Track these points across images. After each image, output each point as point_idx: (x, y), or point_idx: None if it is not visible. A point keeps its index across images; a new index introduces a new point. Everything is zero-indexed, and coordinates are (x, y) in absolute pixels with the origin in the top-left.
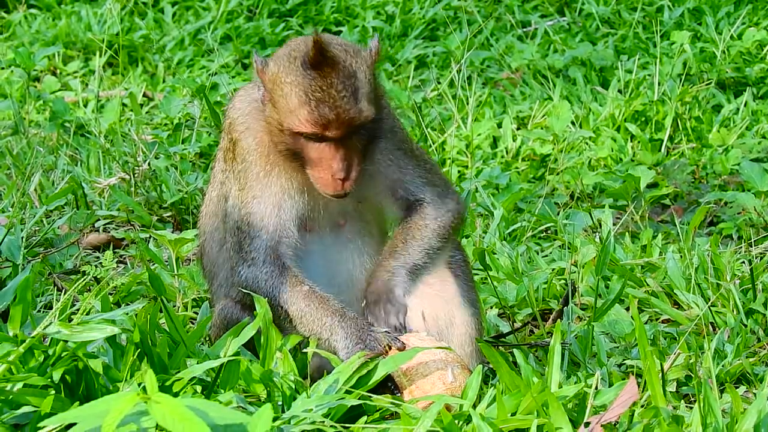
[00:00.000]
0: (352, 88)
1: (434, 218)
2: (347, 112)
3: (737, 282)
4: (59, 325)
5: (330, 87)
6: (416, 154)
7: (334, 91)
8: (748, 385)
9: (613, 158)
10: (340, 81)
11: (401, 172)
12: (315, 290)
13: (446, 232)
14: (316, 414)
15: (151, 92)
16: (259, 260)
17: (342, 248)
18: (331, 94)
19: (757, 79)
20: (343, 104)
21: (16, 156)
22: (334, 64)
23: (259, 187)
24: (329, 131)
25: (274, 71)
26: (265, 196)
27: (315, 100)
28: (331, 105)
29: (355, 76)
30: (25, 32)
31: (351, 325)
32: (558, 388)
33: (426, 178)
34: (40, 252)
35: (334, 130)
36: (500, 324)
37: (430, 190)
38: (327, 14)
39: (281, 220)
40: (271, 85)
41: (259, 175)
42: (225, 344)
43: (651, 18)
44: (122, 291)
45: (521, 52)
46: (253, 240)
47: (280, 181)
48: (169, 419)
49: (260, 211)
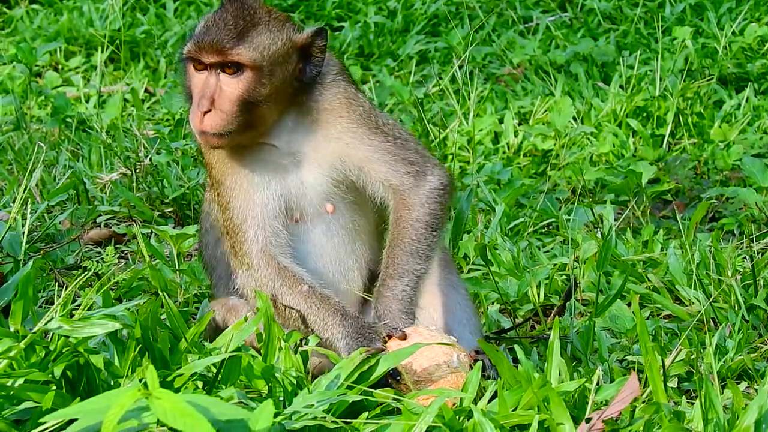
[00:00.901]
0: (242, 26)
1: (422, 208)
2: (223, 40)
3: (739, 278)
4: (60, 321)
5: (221, 17)
6: (383, 129)
7: (221, 22)
8: (749, 381)
9: (614, 154)
10: (234, 16)
11: (368, 149)
12: (315, 289)
13: (438, 218)
14: (317, 410)
15: (152, 88)
16: (254, 264)
17: (333, 236)
18: (218, 23)
19: (758, 75)
20: (223, 33)
21: (17, 151)
22: (242, 5)
23: (227, 191)
24: (202, 54)
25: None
26: (234, 198)
27: (203, 26)
28: (214, 30)
29: (253, 21)
30: (27, 28)
31: (351, 324)
32: (559, 383)
33: (398, 155)
34: (42, 247)
35: (206, 54)
36: (502, 319)
37: (405, 172)
38: (329, 9)
39: (258, 219)
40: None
41: (222, 178)
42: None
43: (652, 13)
44: (124, 286)
45: (523, 47)
46: (242, 245)
47: (241, 176)
48: (170, 415)
49: (236, 215)
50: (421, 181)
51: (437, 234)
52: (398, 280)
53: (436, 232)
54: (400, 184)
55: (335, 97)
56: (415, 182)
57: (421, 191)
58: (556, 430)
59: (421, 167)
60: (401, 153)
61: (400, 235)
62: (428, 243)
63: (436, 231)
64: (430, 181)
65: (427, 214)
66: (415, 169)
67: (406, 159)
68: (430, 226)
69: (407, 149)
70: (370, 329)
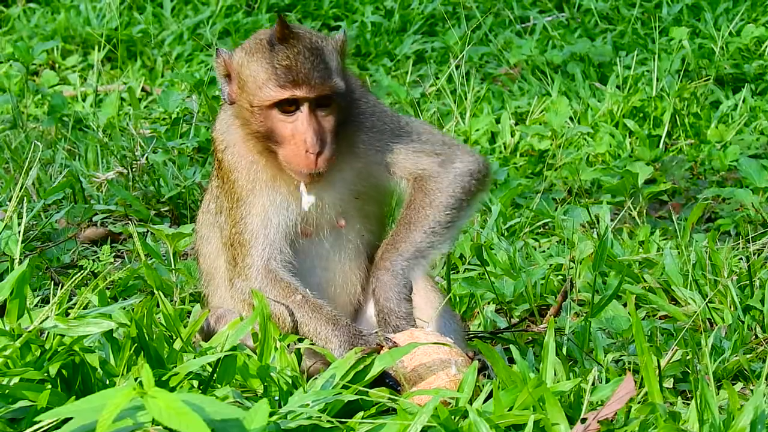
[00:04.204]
0: (318, 56)
1: (439, 191)
2: (314, 73)
3: (735, 278)
4: (56, 320)
5: (297, 54)
6: (406, 129)
7: (301, 57)
8: (745, 382)
9: (611, 154)
10: (306, 49)
11: (393, 153)
12: (308, 298)
13: (457, 200)
14: (312, 409)
15: (149, 87)
16: (251, 276)
17: (340, 249)
18: (299, 60)
19: (755, 75)
20: (310, 66)
21: (14, 150)
22: (300, 37)
23: (245, 206)
24: (299, 90)
25: (241, 56)
26: (251, 215)
27: (282, 67)
28: (299, 68)
29: (322, 50)
30: (24, 26)
31: (344, 332)
32: (554, 383)
33: (422, 150)
34: (38, 246)
35: (305, 90)
36: (497, 319)
37: (428, 161)
38: (326, 9)
39: (270, 239)
40: (238, 69)
41: (243, 194)
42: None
43: (650, 14)
44: (119, 285)
45: (520, 47)
46: (245, 258)
47: (264, 196)
48: (165, 414)
49: (248, 231)
50: (447, 168)
51: (453, 215)
52: (397, 254)
53: (451, 213)
54: (424, 173)
55: (358, 110)
56: (439, 170)
57: (443, 179)
58: (552, 430)
59: (448, 156)
60: (426, 147)
61: (405, 215)
62: (437, 220)
63: (451, 211)
64: (456, 167)
65: (448, 196)
66: (441, 159)
67: (432, 151)
68: (446, 206)
69: (432, 142)
70: (362, 337)
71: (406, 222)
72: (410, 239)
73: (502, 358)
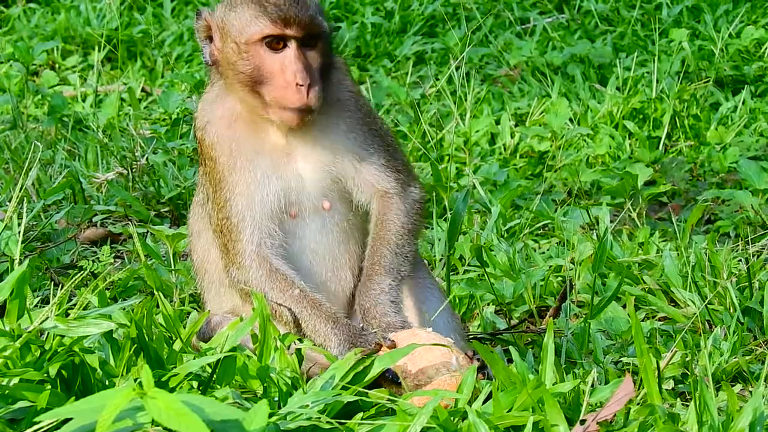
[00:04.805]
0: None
1: (407, 217)
2: (303, 9)
3: (734, 280)
4: (56, 320)
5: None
6: (381, 134)
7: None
8: (744, 384)
9: (611, 155)
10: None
11: (366, 150)
12: (306, 293)
13: (417, 229)
14: (312, 410)
15: (149, 87)
16: (245, 264)
17: (327, 233)
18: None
19: (755, 77)
20: (299, 5)
21: (14, 150)
22: None
23: (228, 187)
24: (289, 28)
25: (223, 7)
26: (235, 195)
27: (272, 5)
28: (288, 6)
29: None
30: (24, 26)
31: (343, 331)
32: (553, 385)
33: (390, 165)
34: (38, 246)
35: (294, 27)
36: (497, 321)
37: (394, 179)
38: (326, 9)
39: (256, 219)
40: (222, 18)
41: (224, 173)
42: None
43: (650, 15)
44: (119, 286)
45: (520, 49)
46: (236, 244)
47: (246, 172)
48: (165, 415)
49: (234, 214)
50: (407, 191)
51: (416, 242)
52: (385, 276)
53: (416, 241)
54: (389, 189)
55: (343, 92)
56: (401, 190)
57: (407, 200)
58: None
59: (406, 178)
60: (392, 162)
61: (386, 237)
62: (410, 248)
63: (416, 239)
64: (413, 192)
65: (410, 222)
66: (402, 178)
67: (396, 168)
68: (411, 233)
69: (396, 159)
70: (362, 336)
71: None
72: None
73: (501, 360)
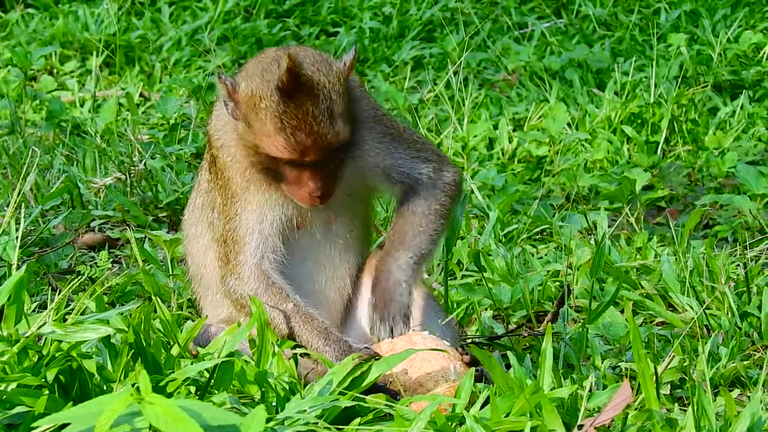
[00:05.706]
0: (328, 112)
1: (435, 199)
2: (324, 137)
3: (732, 285)
4: (54, 325)
5: (306, 114)
6: (405, 136)
7: (310, 118)
8: (742, 389)
9: (609, 160)
10: (316, 107)
11: (392, 157)
12: (300, 308)
13: (446, 210)
14: (309, 415)
15: (147, 92)
16: (244, 275)
17: (330, 244)
18: (308, 121)
19: (753, 82)
20: (320, 130)
21: (12, 155)
22: (309, 90)
23: (240, 203)
24: (307, 157)
25: (247, 93)
26: (247, 212)
27: (291, 127)
28: (308, 132)
29: (330, 98)
30: (22, 32)
31: (334, 349)
32: (551, 390)
33: (419, 157)
34: (36, 251)
35: (312, 156)
36: (495, 326)
37: (424, 168)
38: (324, 15)
39: (264, 235)
40: (244, 106)
41: (238, 191)
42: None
43: (648, 20)
44: (117, 291)
45: (518, 53)
46: (238, 255)
47: (260, 194)
48: (163, 420)
49: (243, 227)
50: (438, 177)
51: (444, 223)
52: (403, 252)
53: (443, 221)
54: (418, 180)
55: (363, 110)
56: (431, 178)
57: (436, 188)
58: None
59: (438, 164)
60: (421, 154)
61: (409, 219)
62: (435, 227)
63: (444, 220)
64: (445, 176)
65: (437, 202)
66: (433, 166)
67: (426, 159)
68: (437, 213)
69: (425, 150)
70: (353, 351)
71: (410, 224)
72: (415, 242)
73: (499, 365)
